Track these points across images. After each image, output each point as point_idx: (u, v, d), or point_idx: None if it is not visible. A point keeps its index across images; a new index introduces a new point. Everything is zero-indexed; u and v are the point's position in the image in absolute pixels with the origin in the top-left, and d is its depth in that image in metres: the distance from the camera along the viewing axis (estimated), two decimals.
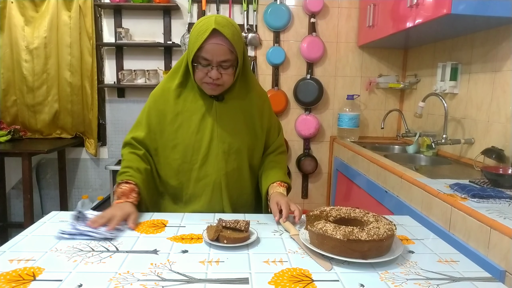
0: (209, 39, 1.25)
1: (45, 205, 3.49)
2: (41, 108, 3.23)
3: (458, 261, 1.02)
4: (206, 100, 1.41)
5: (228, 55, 1.28)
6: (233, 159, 1.43)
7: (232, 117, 1.42)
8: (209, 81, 1.31)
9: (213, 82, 1.30)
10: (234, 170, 1.43)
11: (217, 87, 1.33)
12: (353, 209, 1.17)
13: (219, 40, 1.25)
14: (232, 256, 1.02)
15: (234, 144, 1.42)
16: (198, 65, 1.30)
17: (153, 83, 3.19)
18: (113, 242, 1.10)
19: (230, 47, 1.27)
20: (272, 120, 1.54)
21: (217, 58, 1.27)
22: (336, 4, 3.20)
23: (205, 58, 1.27)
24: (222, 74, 1.30)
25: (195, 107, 1.40)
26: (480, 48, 2.23)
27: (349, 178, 2.68)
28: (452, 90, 2.45)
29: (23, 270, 0.92)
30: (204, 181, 1.42)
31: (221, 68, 1.29)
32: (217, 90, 1.35)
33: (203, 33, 1.25)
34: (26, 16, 3.13)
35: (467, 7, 1.83)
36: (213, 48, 1.25)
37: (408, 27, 2.26)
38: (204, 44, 1.25)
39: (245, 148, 1.44)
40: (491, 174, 1.65)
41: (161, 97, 1.44)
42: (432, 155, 2.47)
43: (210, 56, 1.26)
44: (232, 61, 1.30)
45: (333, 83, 3.30)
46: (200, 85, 1.35)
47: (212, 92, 1.37)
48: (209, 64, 1.28)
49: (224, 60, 1.28)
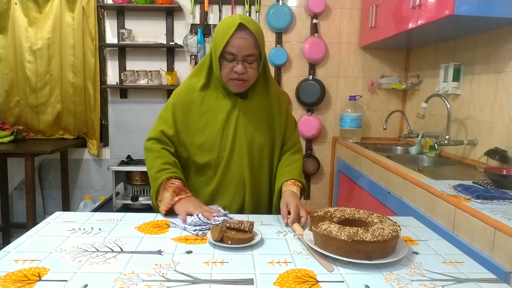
0: (236, 33, 1.29)
1: (47, 206, 3.50)
2: (44, 108, 3.24)
3: (463, 262, 1.02)
4: (230, 98, 1.43)
5: (253, 49, 1.32)
6: (256, 155, 1.44)
7: (255, 114, 1.45)
8: (234, 76, 1.33)
9: (238, 77, 1.33)
10: (256, 166, 1.45)
11: (243, 84, 1.36)
12: (357, 210, 1.17)
13: (244, 35, 1.30)
14: (237, 257, 1.02)
15: (257, 140, 1.44)
16: (224, 61, 1.33)
17: (155, 83, 3.20)
18: (117, 243, 1.10)
19: (255, 41, 1.31)
20: (289, 117, 1.56)
21: (243, 52, 1.30)
22: (338, 5, 3.21)
23: (231, 53, 1.30)
24: (247, 69, 1.33)
25: (219, 106, 1.43)
26: (483, 49, 2.23)
27: (352, 179, 2.68)
28: (455, 91, 2.45)
29: (28, 270, 0.92)
30: (228, 176, 1.43)
31: (246, 63, 1.32)
32: (242, 86, 1.37)
33: (229, 28, 1.29)
34: (29, 17, 3.14)
35: (470, 8, 1.83)
36: (239, 42, 1.29)
37: (410, 28, 2.25)
38: (231, 39, 1.29)
39: (266, 144, 1.46)
40: (494, 175, 1.65)
41: (185, 96, 1.46)
42: (435, 156, 2.47)
43: (236, 50, 1.30)
44: (256, 56, 1.34)
45: (335, 84, 3.30)
46: (226, 82, 1.37)
47: (237, 89, 1.39)
48: (235, 59, 1.32)
49: (249, 54, 1.31)
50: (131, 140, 3.40)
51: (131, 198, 3.03)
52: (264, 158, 1.47)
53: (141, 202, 3.02)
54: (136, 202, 3.00)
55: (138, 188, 3.09)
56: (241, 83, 1.35)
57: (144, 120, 3.37)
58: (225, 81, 1.37)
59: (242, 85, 1.36)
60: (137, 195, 3.07)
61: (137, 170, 3.04)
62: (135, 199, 3.02)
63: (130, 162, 3.16)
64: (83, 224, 1.24)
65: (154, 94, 3.35)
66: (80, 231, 1.19)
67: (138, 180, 3.07)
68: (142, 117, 3.36)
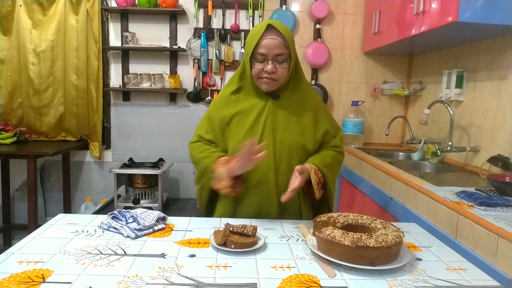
0: (265, 34, 1.36)
1: (48, 208, 3.50)
2: (47, 110, 3.24)
3: (466, 269, 1.02)
4: (261, 99, 1.47)
5: (283, 48, 1.37)
6: (284, 155, 1.44)
7: (285, 115, 1.46)
8: (264, 75, 1.38)
9: (268, 76, 1.38)
10: (284, 166, 1.44)
11: (272, 82, 1.40)
12: (360, 216, 1.17)
13: (273, 35, 1.36)
14: (240, 261, 1.02)
15: (285, 140, 1.44)
16: (255, 62, 1.39)
17: (158, 87, 3.20)
18: (120, 246, 1.10)
19: (284, 41, 1.37)
20: (330, 123, 1.57)
21: (273, 51, 1.35)
22: (342, 11, 3.22)
23: (262, 53, 1.36)
24: (277, 68, 1.37)
25: (250, 107, 1.46)
26: (486, 56, 2.23)
27: (353, 184, 2.67)
28: (458, 97, 2.45)
29: (32, 272, 0.92)
30: (254, 176, 1.42)
31: (276, 62, 1.37)
32: (272, 85, 1.41)
33: (259, 31, 1.37)
34: (34, 19, 3.15)
35: (473, 15, 1.83)
36: (269, 42, 1.35)
37: (413, 34, 2.26)
38: (261, 40, 1.36)
39: (295, 145, 1.45)
40: (497, 182, 1.65)
41: (219, 103, 1.52)
42: (437, 163, 2.47)
43: (266, 50, 1.35)
44: (286, 56, 1.38)
45: (338, 89, 3.30)
46: (256, 81, 1.42)
47: (267, 87, 1.42)
48: (265, 59, 1.37)
49: (279, 53, 1.36)
50: (133, 143, 3.40)
51: (132, 201, 3.02)
52: (293, 158, 1.44)
53: (142, 205, 3.01)
54: (137, 205, 3.00)
55: (140, 191, 3.08)
56: (270, 81, 1.39)
57: (147, 123, 3.37)
58: (255, 80, 1.42)
59: (272, 83, 1.40)
60: (138, 198, 3.06)
61: (139, 173, 3.04)
62: (137, 202, 3.02)
63: (131, 164, 3.16)
64: (86, 227, 1.25)
65: (156, 98, 3.36)
66: (84, 233, 1.19)
67: (139, 183, 3.07)
68: (145, 120, 3.37)
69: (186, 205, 3.28)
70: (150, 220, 1.23)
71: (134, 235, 1.17)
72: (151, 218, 1.25)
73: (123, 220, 1.24)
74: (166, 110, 3.38)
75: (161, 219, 1.29)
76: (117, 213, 1.27)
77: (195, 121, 3.46)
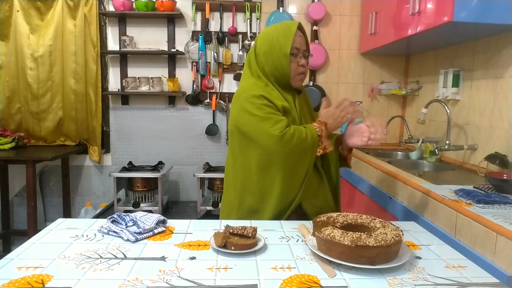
0: (297, 32, 1.47)
1: (48, 213, 3.50)
2: (46, 115, 3.25)
3: (465, 267, 1.02)
4: (289, 94, 1.52)
5: (307, 45, 1.51)
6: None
7: (307, 107, 1.61)
8: (301, 70, 1.48)
9: (303, 71, 1.49)
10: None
11: (303, 77, 1.52)
12: (359, 215, 1.17)
13: (301, 33, 1.49)
14: (240, 263, 1.03)
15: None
16: (291, 57, 1.45)
17: (157, 90, 3.21)
18: (120, 249, 1.10)
19: (307, 39, 1.52)
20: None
21: (303, 47, 1.48)
22: (338, 12, 3.23)
23: (297, 48, 1.46)
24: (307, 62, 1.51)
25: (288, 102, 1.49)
26: (482, 55, 2.24)
27: (353, 184, 2.68)
28: (455, 96, 2.46)
29: (31, 278, 0.92)
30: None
31: (304, 58, 1.49)
32: (303, 79, 1.53)
33: (291, 28, 1.46)
34: (31, 24, 3.16)
35: (468, 14, 1.85)
36: (300, 39, 1.48)
37: (410, 35, 2.27)
38: (295, 37, 1.45)
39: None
40: (495, 180, 1.65)
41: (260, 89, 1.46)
42: (435, 161, 2.48)
43: (299, 45, 1.47)
44: (309, 52, 1.52)
45: (335, 89, 3.31)
46: (294, 77, 1.48)
47: (301, 84, 1.53)
48: (298, 54, 1.47)
49: (306, 49, 1.50)
50: (132, 147, 3.40)
51: (132, 205, 3.03)
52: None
53: (142, 208, 3.02)
54: (137, 208, 3.00)
55: (140, 195, 3.09)
56: (304, 76, 1.51)
57: (146, 127, 3.38)
58: (293, 75, 1.47)
59: (303, 78, 1.52)
60: (138, 201, 3.07)
61: (139, 176, 3.05)
62: (137, 205, 3.02)
63: (131, 168, 3.17)
64: (85, 231, 1.25)
65: (155, 101, 3.36)
66: (83, 237, 1.19)
67: (139, 186, 3.07)
68: (144, 124, 3.38)
69: (186, 207, 3.29)
70: (150, 223, 1.24)
71: (134, 238, 1.17)
72: (151, 221, 1.25)
73: (123, 224, 1.24)
74: (165, 113, 3.38)
75: (161, 222, 1.30)
76: (116, 216, 1.27)
77: (194, 124, 3.48)
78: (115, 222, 1.26)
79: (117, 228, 1.22)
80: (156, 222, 1.25)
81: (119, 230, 1.21)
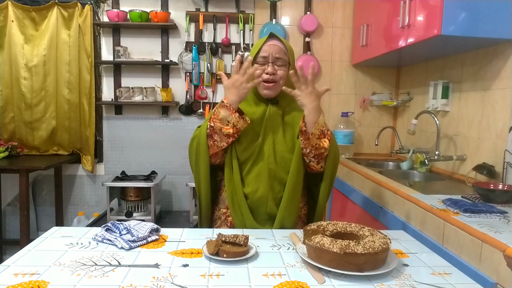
0: (267, 41, 1.50)
1: (40, 222, 3.48)
2: (39, 125, 3.25)
3: (451, 274, 1.05)
4: (260, 105, 1.55)
5: (282, 54, 1.49)
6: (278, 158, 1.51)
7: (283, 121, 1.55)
8: (265, 77, 1.48)
9: (269, 78, 1.47)
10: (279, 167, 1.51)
11: (273, 86, 1.49)
12: (349, 224, 1.20)
13: (274, 42, 1.50)
14: (232, 270, 1.05)
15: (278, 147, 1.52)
16: (256, 65, 1.49)
17: (150, 100, 3.23)
18: (115, 257, 1.12)
19: (284, 48, 1.50)
20: None
21: (273, 55, 1.48)
22: (330, 24, 3.29)
23: (263, 56, 1.49)
24: (277, 71, 1.48)
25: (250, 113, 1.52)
26: (470, 67, 2.30)
27: (344, 194, 2.71)
28: (444, 107, 2.51)
29: (28, 284, 0.94)
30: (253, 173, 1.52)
31: (276, 65, 1.48)
32: (272, 89, 1.50)
33: (262, 39, 1.52)
34: (26, 34, 3.18)
35: (456, 28, 1.90)
36: (270, 47, 1.49)
37: (400, 47, 2.32)
38: (263, 46, 1.49)
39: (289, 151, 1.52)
40: (482, 190, 1.69)
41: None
42: (425, 172, 2.52)
43: (266, 53, 1.48)
44: (285, 61, 1.50)
45: (327, 100, 3.36)
46: (258, 85, 1.50)
47: (267, 93, 1.51)
48: (266, 63, 1.48)
49: (278, 57, 1.48)
50: (125, 156, 3.41)
51: (125, 214, 3.03)
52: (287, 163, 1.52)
53: (135, 217, 3.02)
54: (130, 218, 3.00)
55: (133, 204, 3.09)
56: (271, 85, 1.48)
57: (139, 136, 3.39)
58: (257, 83, 1.48)
59: (272, 87, 1.49)
60: (131, 211, 3.07)
61: (132, 186, 3.05)
62: (130, 215, 3.03)
63: (124, 178, 3.17)
64: (80, 239, 1.26)
65: (149, 111, 3.38)
66: (78, 245, 1.21)
67: (132, 196, 3.08)
68: (137, 133, 3.39)
69: (179, 217, 3.29)
70: (144, 231, 1.26)
71: (128, 246, 1.19)
72: (145, 229, 1.27)
73: (117, 232, 1.26)
74: (158, 123, 3.40)
75: (155, 230, 1.31)
76: (110, 225, 1.29)
77: (188, 134, 3.50)
78: (109, 231, 1.28)
79: (111, 236, 1.24)
80: (149, 231, 1.27)
81: (113, 238, 1.23)
